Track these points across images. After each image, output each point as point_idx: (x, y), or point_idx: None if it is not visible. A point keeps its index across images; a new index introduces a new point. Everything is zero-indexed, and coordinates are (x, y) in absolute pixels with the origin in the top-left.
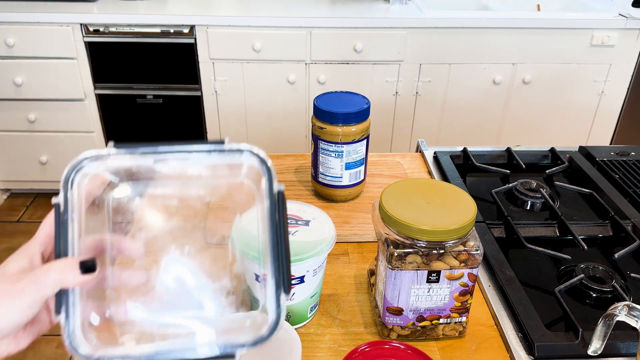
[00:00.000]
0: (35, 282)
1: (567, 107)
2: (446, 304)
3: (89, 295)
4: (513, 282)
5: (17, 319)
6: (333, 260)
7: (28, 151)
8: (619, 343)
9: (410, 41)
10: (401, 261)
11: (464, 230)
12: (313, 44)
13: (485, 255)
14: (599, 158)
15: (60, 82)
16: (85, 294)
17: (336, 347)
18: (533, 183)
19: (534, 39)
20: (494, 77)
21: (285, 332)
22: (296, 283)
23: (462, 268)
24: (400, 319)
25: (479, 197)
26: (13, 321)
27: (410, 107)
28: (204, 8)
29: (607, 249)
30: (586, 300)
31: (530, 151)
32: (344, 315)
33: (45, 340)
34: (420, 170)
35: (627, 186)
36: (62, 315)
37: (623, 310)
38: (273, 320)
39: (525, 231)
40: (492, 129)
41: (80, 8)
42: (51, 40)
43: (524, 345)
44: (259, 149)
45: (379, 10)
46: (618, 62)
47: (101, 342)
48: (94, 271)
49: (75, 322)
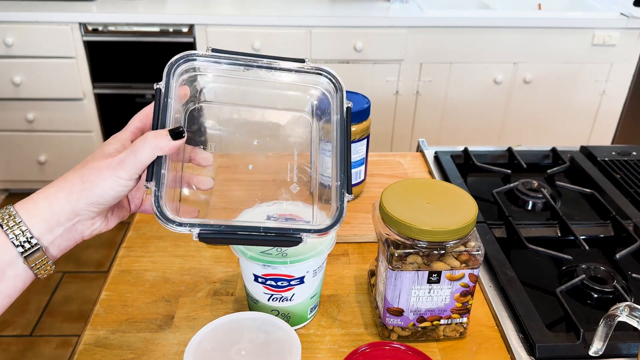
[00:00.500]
0: (134, 152)
1: (569, 106)
2: (447, 304)
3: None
4: (514, 282)
5: (118, 191)
6: (333, 261)
7: (26, 151)
8: (620, 344)
9: (411, 40)
10: (402, 262)
11: (465, 231)
12: (313, 43)
13: (486, 256)
14: (600, 158)
15: (59, 82)
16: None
17: (336, 348)
18: (534, 183)
19: (535, 38)
20: (495, 76)
21: (285, 333)
22: (296, 284)
23: (463, 269)
24: (400, 320)
25: (480, 197)
26: (114, 192)
27: (410, 107)
28: (203, 7)
29: (609, 249)
30: (587, 301)
31: (532, 151)
32: (344, 316)
33: (44, 340)
34: (420, 170)
35: (628, 186)
36: (152, 182)
37: (624, 311)
38: (336, 214)
39: (526, 231)
40: (493, 129)
41: (79, 7)
42: (50, 40)
43: (525, 346)
44: (332, 69)
45: (379, 9)
46: (619, 61)
47: (183, 213)
48: (183, 137)
49: (162, 190)
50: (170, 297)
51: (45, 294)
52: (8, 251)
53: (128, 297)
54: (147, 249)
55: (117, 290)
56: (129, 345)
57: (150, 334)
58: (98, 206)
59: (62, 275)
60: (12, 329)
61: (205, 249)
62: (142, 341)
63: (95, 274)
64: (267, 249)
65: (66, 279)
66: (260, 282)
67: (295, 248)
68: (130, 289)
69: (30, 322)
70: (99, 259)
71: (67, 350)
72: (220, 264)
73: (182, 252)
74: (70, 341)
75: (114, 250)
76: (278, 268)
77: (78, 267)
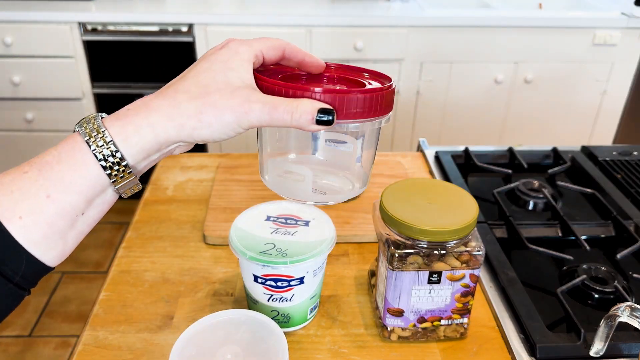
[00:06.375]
0: (269, 112)
1: (569, 106)
2: (447, 305)
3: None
4: (515, 283)
5: (231, 135)
6: (333, 261)
7: (25, 151)
8: (621, 344)
9: (411, 40)
10: (402, 262)
11: (465, 231)
12: (313, 42)
13: (486, 256)
14: (601, 158)
15: (58, 81)
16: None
17: (336, 349)
18: (535, 183)
19: (536, 37)
20: (496, 76)
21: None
22: (296, 284)
23: (463, 269)
24: (401, 320)
25: (481, 197)
26: (226, 136)
27: (411, 106)
28: (202, 6)
29: (610, 250)
30: (588, 301)
31: (532, 151)
32: (344, 317)
33: (43, 341)
34: (421, 170)
35: (629, 186)
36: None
37: (625, 311)
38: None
39: (527, 231)
40: (494, 129)
41: (78, 7)
42: (49, 39)
43: (526, 346)
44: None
45: (379, 9)
46: (620, 61)
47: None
48: (328, 125)
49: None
50: (170, 298)
51: (44, 294)
52: (100, 182)
53: (127, 298)
54: (146, 249)
55: (117, 291)
56: (129, 345)
57: (149, 335)
58: (204, 142)
59: (61, 276)
60: (11, 330)
61: (204, 249)
62: (142, 342)
63: (95, 274)
64: (267, 249)
65: (65, 280)
66: (260, 283)
67: (294, 248)
68: (130, 290)
69: (29, 323)
70: (98, 259)
71: (66, 351)
72: (220, 264)
73: (182, 252)
74: (69, 342)
75: (113, 251)
76: (278, 268)
77: (77, 267)
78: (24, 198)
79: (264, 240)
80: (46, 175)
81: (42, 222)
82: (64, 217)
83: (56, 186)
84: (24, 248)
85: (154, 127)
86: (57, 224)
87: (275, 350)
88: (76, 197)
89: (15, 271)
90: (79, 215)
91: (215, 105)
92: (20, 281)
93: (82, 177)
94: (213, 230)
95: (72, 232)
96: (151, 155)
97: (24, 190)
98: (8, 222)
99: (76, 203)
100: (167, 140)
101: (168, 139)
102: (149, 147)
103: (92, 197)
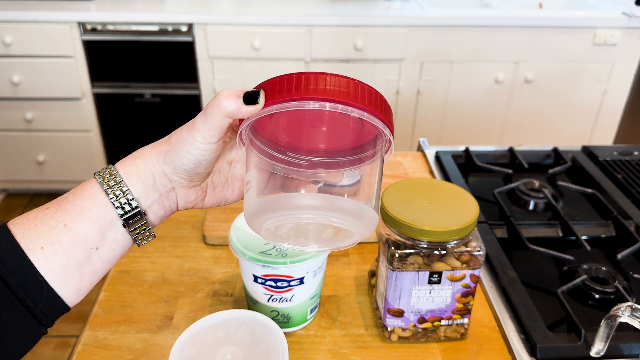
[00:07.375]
0: (204, 112)
1: (570, 106)
2: (448, 305)
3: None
4: (515, 283)
5: (196, 155)
6: (333, 261)
7: (25, 151)
8: (621, 344)
9: (412, 39)
10: (402, 262)
11: (466, 231)
12: (313, 42)
13: (487, 256)
14: (602, 158)
15: (57, 81)
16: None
17: (336, 349)
18: (535, 183)
19: (536, 37)
20: (496, 75)
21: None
22: (296, 284)
23: (464, 269)
24: (401, 321)
25: (481, 197)
26: (192, 157)
27: (411, 106)
28: (202, 6)
29: (610, 250)
30: (589, 302)
31: (533, 151)
32: (344, 317)
33: (43, 341)
34: (421, 169)
35: (630, 186)
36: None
37: (626, 312)
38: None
39: (528, 232)
40: (494, 128)
41: (77, 6)
42: (48, 39)
43: (526, 347)
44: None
45: (379, 8)
46: (621, 61)
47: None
48: (257, 103)
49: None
50: (170, 298)
51: None
52: (108, 212)
53: (127, 298)
54: (145, 250)
55: (116, 291)
56: (128, 346)
57: (149, 335)
58: (183, 171)
59: None
60: None
61: (204, 249)
62: (141, 342)
63: None
64: (267, 249)
65: None
66: (260, 283)
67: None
68: (129, 290)
69: None
70: None
71: (65, 351)
72: (220, 264)
73: (181, 252)
74: (69, 342)
75: None
76: (278, 268)
77: None
78: (45, 230)
79: (263, 241)
80: (64, 207)
81: (60, 252)
82: (79, 245)
83: (71, 215)
84: (44, 279)
85: (144, 156)
86: (73, 254)
87: (275, 350)
88: (88, 225)
89: (36, 303)
90: (93, 249)
91: (179, 129)
92: (40, 315)
93: (93, 204)
94: (213, 230)
95: (88, 267)
96: (150, 192)
97: (45, 223)
98: (31, 252)
99: (89, 231)
100: (153, 170)
101: (153, 168)
102: (144, 177)
103: (103, 226)
